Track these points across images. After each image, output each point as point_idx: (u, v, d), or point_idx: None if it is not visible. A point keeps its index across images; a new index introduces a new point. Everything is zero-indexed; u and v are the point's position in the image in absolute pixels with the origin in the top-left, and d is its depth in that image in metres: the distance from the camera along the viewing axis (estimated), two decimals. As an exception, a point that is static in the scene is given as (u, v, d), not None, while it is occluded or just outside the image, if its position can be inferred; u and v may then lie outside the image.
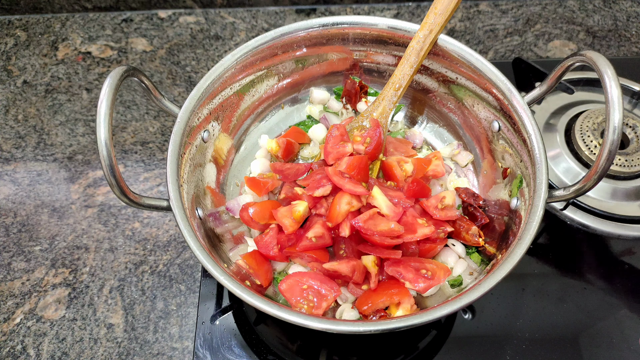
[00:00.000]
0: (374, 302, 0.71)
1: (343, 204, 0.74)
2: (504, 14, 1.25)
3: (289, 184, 0.82)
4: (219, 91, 0.82)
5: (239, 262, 0.76)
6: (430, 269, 0.71)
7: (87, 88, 1.13)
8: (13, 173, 1.01)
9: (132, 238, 0.93)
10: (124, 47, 1.20)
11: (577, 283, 0.84)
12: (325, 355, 0.79)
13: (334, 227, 0.75)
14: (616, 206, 0.90)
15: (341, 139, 0.82)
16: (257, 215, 0.77)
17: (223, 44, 1.20)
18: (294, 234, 0.76)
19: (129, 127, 1.07)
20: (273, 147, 0.88)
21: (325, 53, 0.91)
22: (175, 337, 0.83)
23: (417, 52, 0.82)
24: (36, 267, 0.90)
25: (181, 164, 0.73)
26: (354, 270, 0.72)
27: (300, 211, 0.76)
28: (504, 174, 0.80)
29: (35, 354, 0.82)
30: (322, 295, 0.71)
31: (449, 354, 0.78)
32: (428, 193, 0.80)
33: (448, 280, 0.77)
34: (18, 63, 1.18)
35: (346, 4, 1.26)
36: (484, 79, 0.80)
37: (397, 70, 0.84)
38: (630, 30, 1.21)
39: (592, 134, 0.93)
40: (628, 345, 0.79)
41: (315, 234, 0.74)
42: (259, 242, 0.77)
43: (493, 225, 0.79)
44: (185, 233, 0.67)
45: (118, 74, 0.62)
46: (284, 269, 0.80)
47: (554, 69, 0.73)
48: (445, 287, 0.77)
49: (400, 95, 0.85)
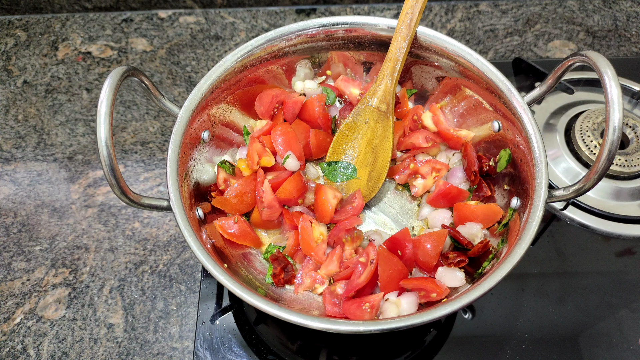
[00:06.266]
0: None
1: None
2: (504, 14, 1.25)
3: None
4: (219, 91, 0.82)
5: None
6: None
7: (87, 88, 1.13)
8: (13, 173, 1.02)
9: (132, 238, 0.93)
10: (124, 47, 1.20)
11: (577, 283, 0.84)
12: (325, 355, 0.79)
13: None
14: (616, 206, 0.90)
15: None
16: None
17: (223, 44, 1.20)
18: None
19: (129, 127, 1.07)
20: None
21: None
22: (175, 337, 0.83)
23: (407, 24, 0.81)
24: (36, 267, 0.90)
25: (181, 164, 0.73)
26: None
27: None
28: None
29: (36, 354, 0.82)
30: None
31: (449, 354, 0.78)
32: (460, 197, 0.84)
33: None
34: (18, 63, 1.18)
35: (346, 4, 1.26)
36: (483, 79, 0.80)
37: (391, 46, 0.84)
38: (630, 30, 1.21)
39: (592, 134, 0.93)
40: (628, 345, 0.79)
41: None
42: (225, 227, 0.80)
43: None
44: (185, 233, 0.67)
45: (118, 74, 0.62)
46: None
47: (554, 69, 0.73)
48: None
49: (400, 70, 0.84)
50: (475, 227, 0.78)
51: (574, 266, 0.86)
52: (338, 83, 0.95)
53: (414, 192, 0.87)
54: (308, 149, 0.90)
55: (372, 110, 0.87)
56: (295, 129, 0.89)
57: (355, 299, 0.72)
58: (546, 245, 0.88)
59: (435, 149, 0.90)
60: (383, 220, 0.87)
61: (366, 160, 0.87)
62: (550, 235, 0.89)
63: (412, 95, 0.94)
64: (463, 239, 0.77)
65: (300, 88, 0.93)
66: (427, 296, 0.72)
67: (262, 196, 0.80)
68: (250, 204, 0.83)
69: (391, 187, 0.91)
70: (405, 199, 0.89)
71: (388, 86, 0.85)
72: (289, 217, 0.82)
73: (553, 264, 0.86)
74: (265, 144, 0.86)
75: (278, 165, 0.86)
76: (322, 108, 0.89)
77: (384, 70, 0.85)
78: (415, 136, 0.88)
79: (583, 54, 0.65)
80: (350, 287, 0.73)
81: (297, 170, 0.86)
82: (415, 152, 0.90)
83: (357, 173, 0.87)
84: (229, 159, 0.88)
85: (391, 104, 0.86)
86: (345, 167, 0.88)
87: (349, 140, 0.88)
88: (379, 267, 0.72)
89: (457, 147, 0.88)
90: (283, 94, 0.91)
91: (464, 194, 0.83)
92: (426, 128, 0.90)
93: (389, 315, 0.71)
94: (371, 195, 0.87)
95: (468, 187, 0.85)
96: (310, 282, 0.78)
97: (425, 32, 0.83)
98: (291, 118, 0.91)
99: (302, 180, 0.84)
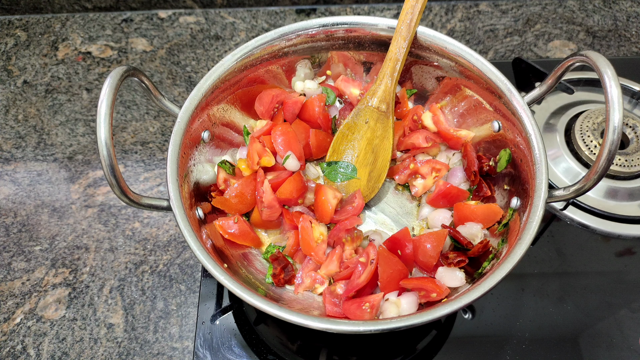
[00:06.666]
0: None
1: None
2: (504, 14, 1.25)
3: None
4: (219, 91, 0.82)
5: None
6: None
7: (87, 88, 1.13)
8: (13, 173, 1.02)
9: (132, 238, 0.93)
10: (124, 47, 1.20)
11: (577, 283, 0.84)
12: (325, 355, 0.79)
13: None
14: (616, 206, 0.90)
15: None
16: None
17: (223, 44, 1.20)
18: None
19: (129, 127, 1.07)
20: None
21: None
22: (175, 337, 0.83)
23: (407, 24, 0.81)
24: (36, 267, 0.90)
25: (181, 164, 0.73)
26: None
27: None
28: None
29: (36, 353, 0.82)
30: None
31: (449, 354, 0.78)
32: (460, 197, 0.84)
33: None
34: (18, 63, 1.18)
35: (346, 4, 1.26)
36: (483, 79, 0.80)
37: (391, 46, 0.84)
38: (630, 30, 1.21)
39: (592, 134, 0.93)
40: (628, 345, 0.79)
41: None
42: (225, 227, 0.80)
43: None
44: (185, 233, 0.67)
45: (118, 74, 0.62)
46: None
47: (554, 69, 0.73)
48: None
49: (400, 70, 0.84)
50: (475, 227, 0.78)
51: (574, 266, 0.86)
52: (338, 83, 0.95)
53: (414, 192, 0.88)
54: (308, 149, 0.90)
55: (372, 110, 0.87)
56: (295, 129, 0.89)
57: (355, 299, 0.72)
58: (546, 245, 0.88)
59: (435, 149, 0.90)
60: (383, 220, 0.87)
61: (366, 160, 0.87)
62: (550, 235, 0.89)
63: (412, 95, 0.94)
64: (463, 239, 0.77)
65: (300, 88, 0.93)
66: (427, 296, 0.72)
67: (262, 196, 0.80)
68: (250, 204, 0.83)
69: (391, 187, 0.91)
70: (405, 199, 0.89)
71: (388, 86, 0.85)
72: (289, 217, 0.82)
73: (553, 264, 0.86)
74: (265, 144, 0.86)
75: (278, 165, 0.86)
76: (322, 108, 0.89)
77: (384, 70, 0.85)
78: (415, 136, 0.88)
79: (583, 54, 0.65)
80: (350, 287, 0.73)
81: (297, 170, 0.86)
82: (415, 152, 0.90)
83: (357, 173, 0.87)
84: (229, 159, 0.88)
85: (391, 104, 0.86)
86: (345, 167, 0.88)
87: (349, 140, 0.88)
88: (379, 267, 0.72)
89: (457, 147, 0.88)
90: (283, 94, 0.91)
91: (464, 194, 0.83)
92: (426, 128, 0.90)
93: (389, 315, 0.71)
94: (371, 195, 0.87)
95: (468, 187, 0.85)
96: (310, 282, 0.78)
97: (425, 32, 0.83)
98: (291, 118, 0.91)
99: (302, 180, 0.84)
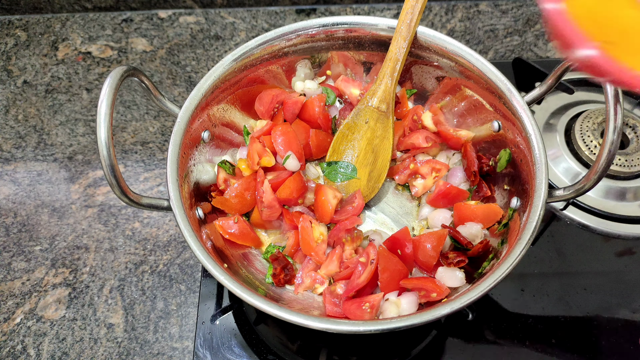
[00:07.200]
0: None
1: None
2: (504, 14, 1.25)
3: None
4: (219, 91, 0.82)
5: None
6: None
7: (87, 88, 1.13)
8: (13, 173, 1.02)
9: (132, 238, 0.93)
10: (124, 47, 1.20)
11: (577, 283, 0.84)
12: (325, 355, 0.79)
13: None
14: (616, 206, 0.90)
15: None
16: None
17: (223, 44, 1.20)
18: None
19: (129, 127, 1.07)
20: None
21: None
22: (175, 337, 0.83)
23: (407, 24, 0.81)
24: (36, 267, 0.90)
25: (181, 164, 0.73)
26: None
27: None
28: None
29: (36, 353, 0.82)
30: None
31: (449, 354, 0.78)
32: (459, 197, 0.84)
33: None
34: (18, 63, 1.18)
35: (346, 4, 1.26)
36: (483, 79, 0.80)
37: (391, 46, 0.84)
38: (630, 30, 1.21)
39: (592, 134, 0.93)
40: (628, 345, 0.79)
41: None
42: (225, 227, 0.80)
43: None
44: (185, 233, 0.67)
45: (118, 74, 0.62)
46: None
47: (554, 69, 0.73)
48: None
49: (400, 70, 0.84)
50: (475, 227, 0.78)
51: (574, 266, 0.86)
52: (338, 83, 0.95)
53: (414, 192, 0.88)
54: (308, 149, 0.90)
55: (372, 110, 0.87)
56: (295, 129, 0.89)
57: (355, 299, 0.72)
58: (546, 245, 0.88)
59: (435, 149, 0.90)
60: (383, 220, 0.87)
61: (366, 160, 0.87)
62: (550, 235, 0.89)
63: (412, 95, 0.94)
64: (463, 239, 0.77)
65: (300, 88, 0.93)
66: (427, 296, 0.72)
67: (262, 196, 0.80)
68: (250, 204, 0.83)
69: (391, 187, 0.91)
70: (405, 199, 0.89)
71: (388, 86, 0.85)
72: (289, 217, 0.82)
73: (553, 264, 0.86)
74: (265, 144, 0.86)
75: (278, 165, 0.86)
76: (322, 108, 0.89)
77: (384, 70, 0.85)
78: (415, 136, 0.88)
79: (583, 54, 0.65)
80: (351, 287, 0.73)
81: (297, 170, 0.86)
82: (415, 152, 0.90)
83: (357, 173, 0.87)
84: (229, 159, 0.88)
85: (391, 104, 0.86)
86: (345, 167, 0.88)
87: (349, 140, 0.88)
88: (379, 267, 0.72)
89: (457, 147, 0.88)
90: (283, 94, 0.91)
91: (464, 194, 0.83)
92: (426, 128, 0.90)
93: (389, 315, 0.71)
94: (371, 195, 0.87)
95: (468, 187, 0.85)
96: (310, 282, 0.78)
97: (425, 32, 0.83)
98: (291, 118, 0.91)
99: (302, 180, 0.84)
